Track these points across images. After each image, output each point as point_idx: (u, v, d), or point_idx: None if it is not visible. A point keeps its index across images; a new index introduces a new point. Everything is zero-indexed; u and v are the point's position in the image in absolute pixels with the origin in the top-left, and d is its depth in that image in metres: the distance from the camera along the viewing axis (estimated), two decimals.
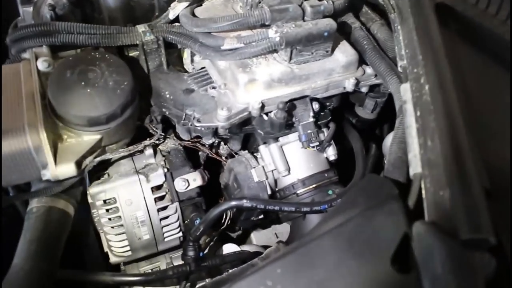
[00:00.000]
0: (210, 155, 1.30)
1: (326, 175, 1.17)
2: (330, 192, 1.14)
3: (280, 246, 1.14)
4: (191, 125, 1.12)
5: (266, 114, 1.10)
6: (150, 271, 1.27)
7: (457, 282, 0.62)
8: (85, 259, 1.23)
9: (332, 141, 1.18)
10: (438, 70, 0.84)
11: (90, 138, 1.04)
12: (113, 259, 1.21)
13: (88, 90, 1.01)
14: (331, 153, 1.19)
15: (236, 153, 1.31)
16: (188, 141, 1.24)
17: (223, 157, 1.33)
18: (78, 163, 1.01)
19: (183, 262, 1.13)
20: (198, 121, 1.07)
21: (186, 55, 1.27)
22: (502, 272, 0.70)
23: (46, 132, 0.98)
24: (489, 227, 0.66)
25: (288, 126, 1.12)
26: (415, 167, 0.82)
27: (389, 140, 1.23)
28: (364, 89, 1.20)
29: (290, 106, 1.09)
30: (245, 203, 1.04)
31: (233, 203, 1.05)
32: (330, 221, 0.81)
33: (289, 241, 1.22)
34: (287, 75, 1.08)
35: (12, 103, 1.01)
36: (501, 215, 0.73)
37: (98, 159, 1.07)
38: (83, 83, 1.01)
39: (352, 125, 1.32)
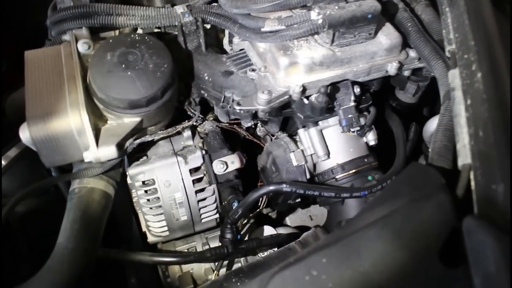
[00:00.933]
0: (247, 137, 1.29)
1: (366, 160, 1.15)
2: (370, 177, 1.12)
3: (318, 231, 1.14)
4: (230, 107, 1.11)
5: (307, 97, 1.07)
6: (186, 250, 1.29)
7: None
8: (124, 238, 1.24)
9: (373, 125, 1.15)
10: (492, 57, 0.80)
11: (130, 120, 1.03)
12: (151, 238, 1.22)
13: (129, 73, 1.00)
14: (371, 138, 1.16)
15: (273, 136, 1.30)
16: (226, 123, 1.24)
17: (261, 139, 1.32)
18: (119, 145, 1.01)
19: (220, 243, 1.13)
20: (238, 104, 1.06)
21: (225, 36, 1.25)
22: None
23: (88, 114, 0.98)
24: None
25: (328, 110, 1.09)
26: (465, 158, 0.79)
27: (430, 125, 1.21)
28: (406, 73, 1.16)
29: (331, 90, 1.07)
30: (285, 187, 1.03)
31: (272, 187, 1.04)
32: (374, 211, 0.79)
33: (327, 226, 1.20)
34: (329, 58, 1.05)
35: (54, 86, 1.02)
36: None
37: (138, 141, 1.07)
38: (123, 65, 1.00)
39: (392, 110, 1.29)
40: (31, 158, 1.13)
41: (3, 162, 1.24)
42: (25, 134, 0.97)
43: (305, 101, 1.08)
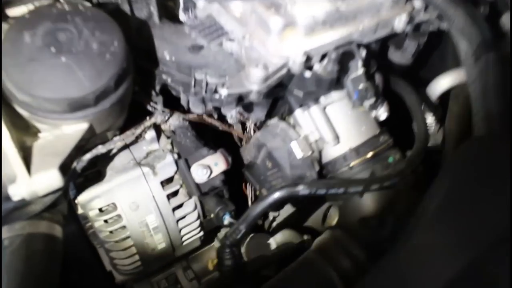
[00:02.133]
0: (220, 129, 0.97)
1: (381, 139, 0.87)
2: (390, 159, 0.86)
3: (338, 235, 0.84)
4: (205, 93, 0.78)
5: (310, 68, 0.78)
6: (164, 281, 0.96)
7: None
8: (84, 284, 0.88)
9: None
10: None
11: (74, 129, 0.67)
12: (119, 278, 0.87)
13: (63, 59, 0.63)
14: (382, 110, 0.89)
15: (252, 122, 0.99)
16: (194, 116, 0.91)
17: (233, 129, 1.00)
18: (64, 168, 0.65)
19: (219, 272, 0.82)
20: (222, 86, 0.73)
21: (179, 2, 0.90)
22: None
23: (8, 128, 0.61)
24: None
25: (336, 81, 0.80)
26: None
27: (436, 88, 0.97)
28: (408, 28, 0.90)
29: (341, 55, 0.77)
30: (302, 189, 0.73)
31: (284, 192, 0.74)
32: (448, 233, 0.52)
33: (343, 224, 0.92)
34: (332, 15, 0.75)
35: None
36: None
37: (88, 156, 0.71)
38: (53, 49, 0.63)
39: (394, 73, 1.02)
40: None
41: None
42: None
43: (307, 74, 0.78)
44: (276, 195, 0.73)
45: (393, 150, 0.88)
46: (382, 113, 0.89)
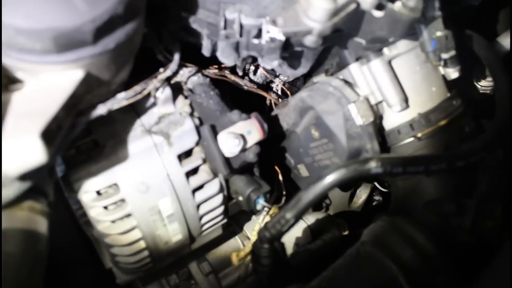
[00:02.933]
0: (245, 88, 0.75)
1: (454, 102, 0.67)
2: (467, 129, 0.66)
3: (400, 223, 0.63)
4: (241, 36, 0.56)
5: (381, 7, 0.56)
6: (175, 277, 0.75)
7: None
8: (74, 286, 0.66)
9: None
10: None
11: (63, 79, 0.44)
12: (122, 278, 0.65)
13: None
14: (453, 68, 0.68)
15: (280, 80, 0.78)
16: (215, 70, 0.68)
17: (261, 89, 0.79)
18: (47, 134, 0.42)
19: (255, 273, 0.61)
20: (275, 24, 0.51)
21: None
22: None
23: None
24: None
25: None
26: None
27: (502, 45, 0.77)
28: None
29: None
30: (374, 167, 0.53)
31: (353, 169, 0.52)
32: None
33: (403, 209, 0.72)
34: None
35: None
36: None
37: (84, 119, 0.48)
38: None
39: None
40: None
41: None
42: None
43: (377, 13, 0.56)
44: (338, 174, 0.52)
45: (467, 117, 0.68)
46: (453, 71, 0.68)
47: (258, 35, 0.55)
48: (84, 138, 0.57)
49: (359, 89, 0.64)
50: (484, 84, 0.88)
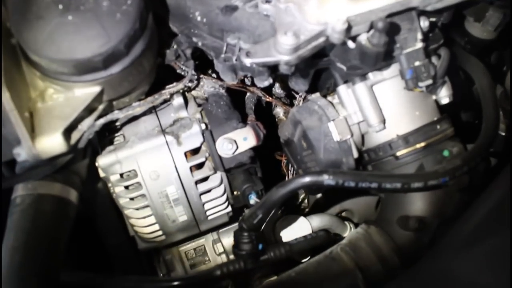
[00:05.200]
0: (264, 99, 0.89)
1: (438, 127, 0.73)
2: (446, 153, 0.71)
3: (372, 233, 0.74)
4: (236, 60, 0.70)
5: (353, 39, 0.66)
6: (193, 251, 0.93)
7: None
8: (107, 247, 0.88)
9: (447, 76, 0.74)
10: None
11: (84, 92, 0.63)
12: (141, 245, 0.85)
13: (70, 18, 0.59)
14: (444, 93, 0.74)
15: (299, 95, 0.90)
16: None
17: (282, 100, 0.92)
18: (68, 131, 0.62)
19: (234, 256, 0.76)
20: (248, 54, 0.64)
21: None
22: None
23: (13, 88, 0.58)
24: None
25: (385, 56, 0.67)
26: None
27: None
28: None
29: (390, 25, 0.64)
30: (327, 179, 0.64)
31: (308, 179, 0.64)
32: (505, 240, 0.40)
33: (381, 220, 0.81)
34: None
35: None
36: None
37: (101, 121, 0.67)
38: (61, 6, 0.59)
39: (464, 49, 0.85)
40: None
41: None
42: None
43: (351, 44, 0.66)
44: (298, 183, 0.65)
45: (451, 142, 0.73)
46: (444, 96, 0.74)
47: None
48: (115, 133, 0.77)
49: (345, 108, 0.74)
50: None
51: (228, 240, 0.93)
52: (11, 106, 0.57)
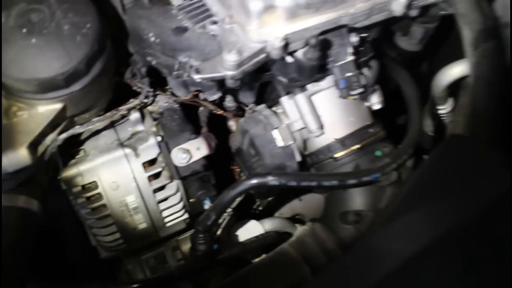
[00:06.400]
0: (215, 112, 0.98)
1: (371, 130, 0.85)
2: (378, 152, 0.83)
3: (317, 228, 0.84)
4: (187, 76, 0.79)
5: (291, 54, 0.76)
6: (153, 260, 0.99)
7: None
8: (70, 258, 0.94)
9: (377, 85, 0.85)
10: None
11: (47, 109, 0.70)
12: (103, 254, 0.91)
13: (34, 40, 0.66)
14: (376, 100, 0.86)
15: (247, 107, 0.99)
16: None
17: (232, 112, 1.01)
18: (33, 146, 0.69)
19: (191, 257, 0.84)
20: (198, 71, 0.73)
21: None
22: None
23: None
24: None
25: (320, 69, 0.78)
26: None
27: (444, 78, 0.92)
28: (413, 13, 0.86)
29: (322, 41, 0.75)
30: (271, 180, 0.73)
31: (254, 181, 0.74)
32: (415, 214, 0.50)
33: (326, 218, 0.92)
34: None
35: None
36: None
37: (64, 136, 0.74)
38: (25, 30, 0.66)
39: (394, 61, 0.98)
40: None
41: None
42: None
43: (289, 59, 0.76)
44: (246, 185, 0.74)
45: (383, 143, 0.85)
46: (375, 103, 0.86)
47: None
48: (76, 147, 0.84)
49: (288, 117, 0.84)
50: (441, 112, 1.03)
51: (186, 247, 1.00)
52: None
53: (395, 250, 0.48)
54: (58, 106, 0.71)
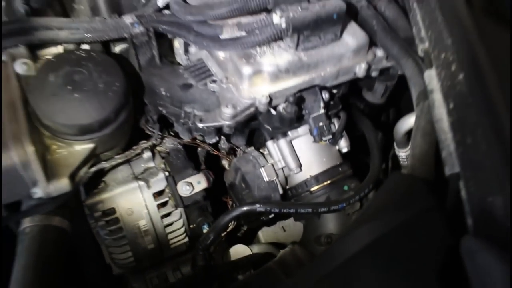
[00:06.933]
0: (212, 152, 1.20)
1: (340, 169, 1.08)
2: (345, 187, 1.05)
3: (296, 249, 1.05)
4: (191, 124, 1.02)
5: (274, 108, 1.00)
6: (155, 278, 1.19)
7: None
8: (86, 273, 1.13)
9: (344, 131, 1.09)
10: (472, 55, 0.74)
11: (82, 147, 0.93)
12: (116, 270, 1.11)
13: (76, 95, 0.89)
14: (344, 145, 1.09)
15: (239, 148, 1.22)
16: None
17: (226, 154, 1.23)
18: (72, 176, 0.90)
19: (191, 271, 1.04)
20: (201, 120, 0.96)
21: (178, 44, 1.15)
22: None
23: (32, 145, 0.86)
24: None
25: (297, 119, 1.01)
26: (452, 167, 0.73)
27: (402, 125, 1.15)
28: (374, 73, 1.10)
29: (299, 98, 0.99)
30: (258, 207, 0.95)
31: (245, 208, 0.96)
32: (361, 231, 0.72)
33: (304, 241, 1.13)
34: (295, 64, 0.97)
35: None
36: None
37: (93, 169, 0.96)
38: (69, 87, 0.89)
39: (360, 112, 1.23)
40: None
41: None
42: None
43: (273, 112, 1.00)
44: (238, 211, 0.96)
45: (350, 179, 1.08)
46: (343, 147, 1.09)
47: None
48: (98, 179, 1.05)
49: (272, 158, 1.07)
50: (402, 155, 1.26)
51: (186, 268, 1.20)
52: (33, 157, 0.85)
53: (342, 250, 0.69)
54: (91, 145, 0.93)
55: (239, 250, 1.17)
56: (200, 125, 0.96)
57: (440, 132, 0.77)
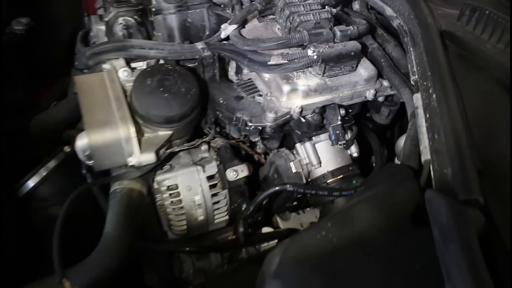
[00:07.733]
0: (249, 152, 1.63)
1: (350, 168, 1.50)
2: (354, 181, 1.47)
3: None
4: (241, 125, 1.45)
5: (304, 117, 1.43)
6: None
7: (457, 228, 0.95)
8: (150, 235, 1.54)
9: (355, 140, 1.51)
10: (442, 82, 1.18)
11: (164, 133, 1.36)
12: (171, 236, 1.52)
13: (166, 95, 1.33)
14: (354, 150, 1.52)
15: (271, 151, 1.64)
16: (233, 140, 1.58)
17: (260, 155, 1.66)
18: (157, 153, 1.33)
19: (234, 236, 1.45)
20: (250, 121, 1.40)
21: (231, 68, 1.60)
22: (489, 226, 1.02)
23: (134, 126, 1.30)
24: (478, 192, 0.99)
25: (320, 127, 1.45)
26: (425, 155, 1.15)
27: (401, 142, 1.58)
28: (380, 99, 1.54)
29: (322, 111, 1.43)
30: (288, 187, 1.37)
31: (278, 187, 1.38)
32: (362, 193, 1.14)
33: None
34: (321, 86, 1.42)
35: (102, 104, 1.34)
36: (488, 186, 1.06)
37: (169, 150, 1.40)
38: (161, 88, 1.34)
39: (370, 129, 1.66)
40: (69, 168, 1.46)
41: (43, 173, 1.52)
42: (82, 141, 1.27)
43: (302, 119, 1.43)
44: (272, 189, 1.38)
45: (358, 176, 1.50)
46: (354, 152, 1.52)
47: (247, 125, 1.44)
48: (164, 162, 1.48)
49: (298, 156, 1.50)
50: None
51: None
52: (134, 134, 1.28)
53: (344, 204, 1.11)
54: (170, 132, 1.36)
55: (266, 229, 1.58)
56: (250, 125, 1.39)
57: (420, 133, 1.20)
